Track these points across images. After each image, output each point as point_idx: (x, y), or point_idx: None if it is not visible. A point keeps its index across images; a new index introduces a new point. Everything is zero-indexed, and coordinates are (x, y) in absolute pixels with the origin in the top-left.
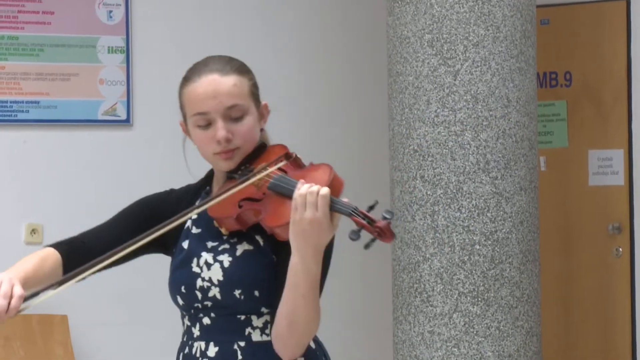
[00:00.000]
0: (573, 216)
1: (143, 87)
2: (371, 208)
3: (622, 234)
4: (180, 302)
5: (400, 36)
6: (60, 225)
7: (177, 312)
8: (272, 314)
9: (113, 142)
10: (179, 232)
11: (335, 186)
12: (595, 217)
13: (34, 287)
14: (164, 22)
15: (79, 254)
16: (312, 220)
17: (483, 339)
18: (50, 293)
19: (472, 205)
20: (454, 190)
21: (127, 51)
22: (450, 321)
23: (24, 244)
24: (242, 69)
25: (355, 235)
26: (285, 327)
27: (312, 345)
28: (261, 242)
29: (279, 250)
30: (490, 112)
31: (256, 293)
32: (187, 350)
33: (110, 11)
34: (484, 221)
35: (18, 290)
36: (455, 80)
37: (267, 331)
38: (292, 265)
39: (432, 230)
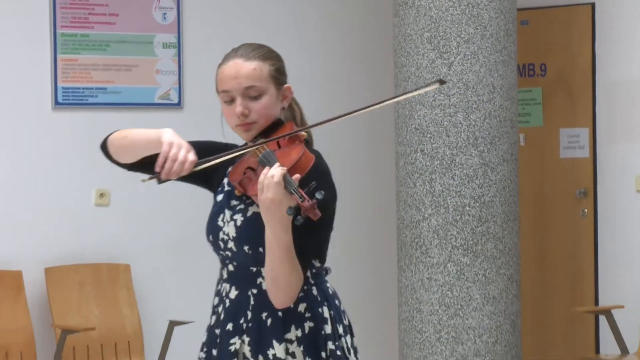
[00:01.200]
0: (547, 183)
1: (192, 76)
2: (309, 188)
3: (587, 197)
4: (211, 247)
5: (404, 34)
6: (124, 190)
7: None
8: None
9: (167, 122)
10: (219, 183)
11: (301, 164)
12: (565, 184)
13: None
14: (209, 22)
15: None
16: (272, 200)
17: (472, 284)
18: (206, 165)
19: (463, 174)
20: (448, 162)
21: (179, 46)
22: (445, 269)
23: (94, 206)
24: (265, 56)
25: (290, 211)
26: (270, 284)
27: (315, 292)
28: None
29: None
30: (479, 97)
31: (261, 249)
32: (219, 287)
33: (165, 13)
34: (473, 187)
35: (192, 157)
36: (449, 70)
37: None
38: (266, 236)
39: (430, 195)
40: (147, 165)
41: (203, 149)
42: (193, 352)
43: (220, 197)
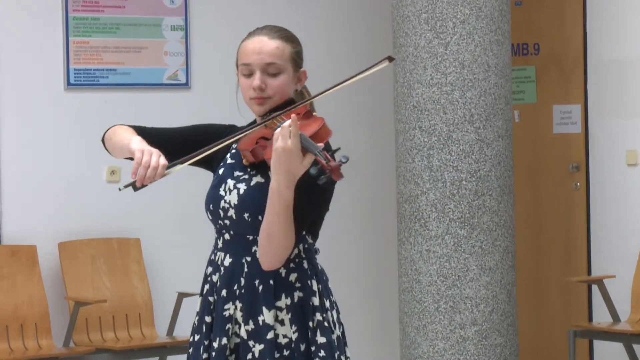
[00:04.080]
0: (541, 158)
1: (199, 57)
2: (334, 151)
3: (579, 171)
4: (209, 216)
5: (402, 15)
6: None
7: None
8: None
9: (175, 102)
10: (221, 159)
11: (321, 133)
12: (559, 158)
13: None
14: (215, 5)
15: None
16: (283, 147)
17: (469, 255)
18: (179, 167)
19: (460, 149)
20: (446, 138)
21: (186, 29)
22: (442, 242)
23: (105, 182)
24: (288, 38)
25: (314, 170)
26: (264, 239)
27: (306, 266)
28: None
29: None
30: (474, 76)
31: (260, 218)
32: (213, 256)
33: None
34: (469, 162)
35: (162, 161)
36: (446, 50)
37: None
38: (270, 188)
39: (428, 170)
40: None
41: (198, 133)
42: None
43: (222, 170)
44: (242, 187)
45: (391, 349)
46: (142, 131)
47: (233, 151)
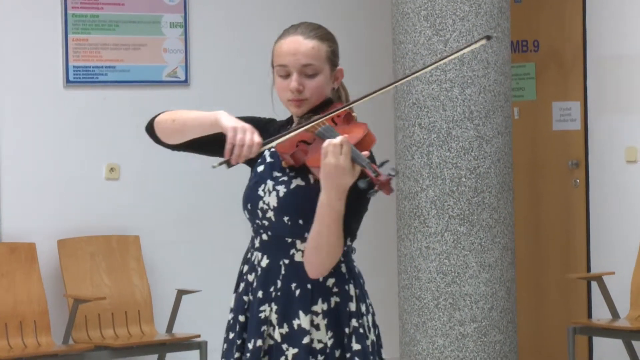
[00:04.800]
0: (540, 154)
1: (198, 54)
2: (382, 164)
3: (579, 168)
4: (247, 215)
5: (402, 12)
6: (133, 165)
7: (234, 231)
8: None
9: (174, 99)
10: (259, 156)
11: (366, 141)
12: (558, 155)
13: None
14: (215, 2)
15: None
16: (335, 165)
17: (468, 252)
18: (271, 145)
19: (459, 146)
20: (445, 135)
21: (185, 26)
22: (442, 238)
23: (104, 180)
24: (324, 37)
25: (363, 184)
26: (311, 249)
27: (344, 270)
28: (312, 180)
29: None
30: (474, 72)
31: (300, 221)
32: (249, 255)
33: None
34: (469, 159)
35: (257, 139)
36: (445, 47)
37: None
38: (320, 200)
39: (428, 167)
40: (193, 146)
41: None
42: (200, 319)
43: (261, 168)
44: (282, 189)
45: (390, 345)
46: None
47: (272, 150)
